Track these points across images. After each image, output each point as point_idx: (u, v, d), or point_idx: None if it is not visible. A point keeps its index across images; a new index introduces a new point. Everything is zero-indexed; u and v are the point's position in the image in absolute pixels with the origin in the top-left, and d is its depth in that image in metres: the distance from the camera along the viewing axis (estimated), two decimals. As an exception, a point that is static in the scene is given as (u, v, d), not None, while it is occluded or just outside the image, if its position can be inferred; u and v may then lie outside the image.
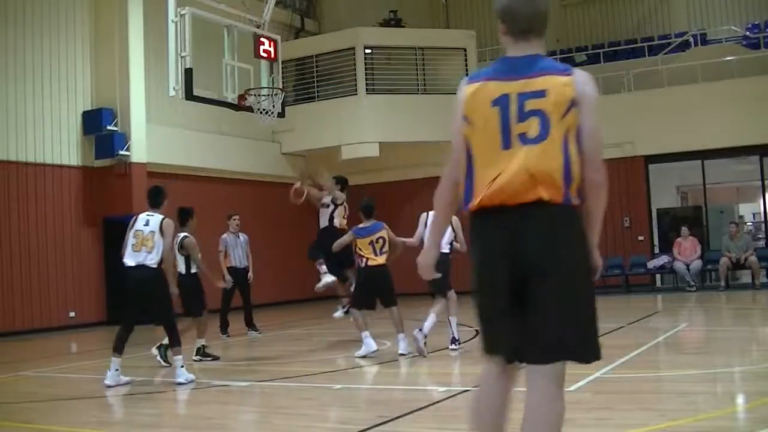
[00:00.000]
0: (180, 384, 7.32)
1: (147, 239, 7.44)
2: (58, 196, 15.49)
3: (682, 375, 6.61)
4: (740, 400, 5.69)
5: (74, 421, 6.06)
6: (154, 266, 7.42)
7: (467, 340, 10.01)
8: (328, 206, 10.82)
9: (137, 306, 7.64)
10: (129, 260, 7.49)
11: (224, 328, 12.14)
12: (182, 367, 7.47)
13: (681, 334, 9.31)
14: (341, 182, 10.91)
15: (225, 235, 12.20)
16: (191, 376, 7.49)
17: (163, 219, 7.59)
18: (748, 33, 21.02)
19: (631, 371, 6.93)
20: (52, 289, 15.12)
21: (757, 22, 21.60)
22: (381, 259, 8.94)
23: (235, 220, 12.27)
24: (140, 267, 7.40)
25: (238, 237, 12.25)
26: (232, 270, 12.01)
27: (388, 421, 5.26)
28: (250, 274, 12.20)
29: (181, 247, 8.95)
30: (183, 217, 9.27)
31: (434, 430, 5.12)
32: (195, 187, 18.07)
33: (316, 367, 8.51)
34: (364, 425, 5.15)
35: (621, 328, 10.41)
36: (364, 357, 8.82)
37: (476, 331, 10.94)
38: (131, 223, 7.68)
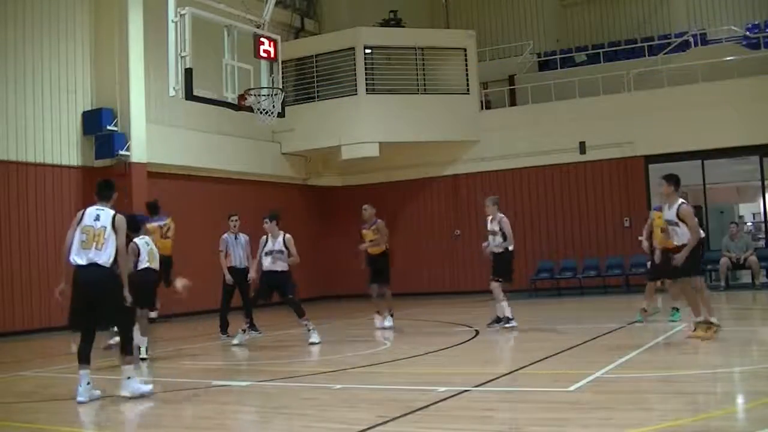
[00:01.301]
0: (125, 397, 6.70)
1: (98, 235, 6.69)
2: (58, 196, 15.49)
3: (682, 375, 6.61)
4: (740, 400, 5.69)
5: (74, 421, 6.06)
6: (107, 265, 6.67)
7: (466, 341, 10.02)
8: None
9: (90, 310, 6.77)
10: (78, 259, 6.69)
11: (224, 328, 12.16)
12: (130, 378, 6.75)
13: (681, 334, 9.30)
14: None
15: (225, 235, 12.21)
16: (145, 389, 6.82)
17: (115, 214, 6.86)
18: (748, 33, 21.03)
19: (631, 371, 6.93)
20: (52, 289, 15.05)
21: (757, 22, 21.61)
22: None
23: (233, 220, 12.25)
24: (92, 266, 6.65)
25: (238, 237, 12.23)
26: (232, 270, 12.02)
27: (388, 421, 5.25)
28: (250, 274, 12.08)
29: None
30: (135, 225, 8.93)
31: (434, 430, 5.12)
32: (195, 187, 18.09)
33: (316, 367, 8.51)
34: (364, 425, 5.15)
35: (621, 328, 10.42)
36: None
37: (476, 331, 10.95)
38: (78, 218, 6.86)
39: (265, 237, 10.84)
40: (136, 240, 9.05)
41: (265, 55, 11.55)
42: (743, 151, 18.12)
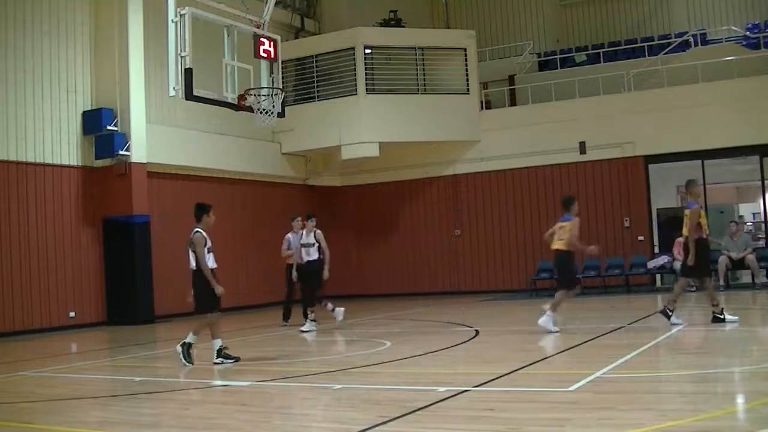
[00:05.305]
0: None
1: None
2: (58, 196, 15.50)
3: (682, 375, 6.61)
4: (740, 400, 5.69)
5: (74, 421, 6.06)
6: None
7: (466, 341, 10.02)
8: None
9: None
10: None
11: (286, 317, 13.42)
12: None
13: (681, 334, 9.30)
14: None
15: (289, 235, 13.20)
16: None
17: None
18: (748, 33, 21.02)
19: (631, 371, 6.93)
20: (52, 289, 15.12)
21: (757, 22, 21.61)
22: None
23: (298, 221, 13.21)
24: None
25: (298, 235, 13.00)
26: (293, 266, 12.96)
27: (388, 421, 5.25)
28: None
29: (191, 242, 8.65)
30: (198, 213, 8.97)
31: (434, 430, 5.12)
32: (195, 187, 18.08)
33: (316, 367, 8.51)
34: (364, 425, 5.15)
35: (621, 328, 10.42)
36: None
37: (476, 331, 10.95)
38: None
39: (302, 232, 12.75)
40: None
41: (265, 55, 11.55)
42: (743, 151, 18.11)
